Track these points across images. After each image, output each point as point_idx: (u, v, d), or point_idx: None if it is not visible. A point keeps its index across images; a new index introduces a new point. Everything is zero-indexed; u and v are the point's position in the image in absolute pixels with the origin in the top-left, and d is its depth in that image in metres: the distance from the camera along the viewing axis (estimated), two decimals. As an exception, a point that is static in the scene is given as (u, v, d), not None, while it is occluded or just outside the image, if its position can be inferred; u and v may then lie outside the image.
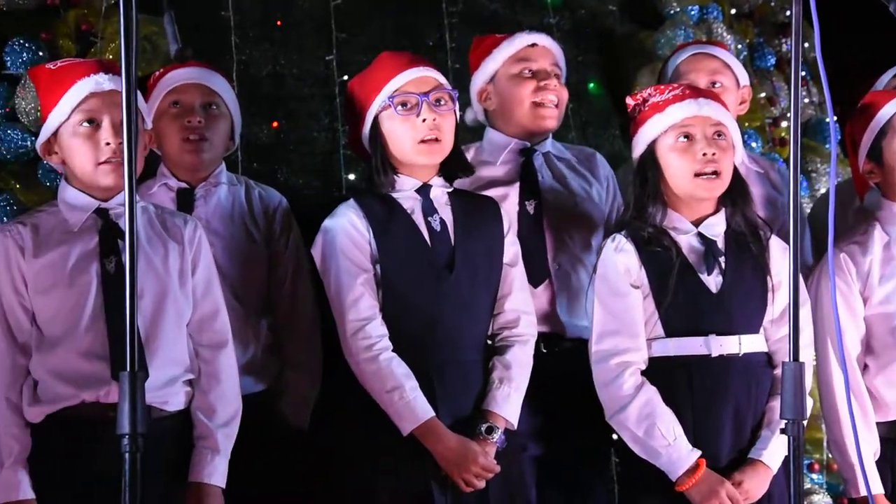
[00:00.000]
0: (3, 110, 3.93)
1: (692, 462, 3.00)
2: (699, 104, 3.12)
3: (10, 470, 2.73)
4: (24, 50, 3.90)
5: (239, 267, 3.27)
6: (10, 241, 2.82)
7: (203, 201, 3.31)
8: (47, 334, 2.79)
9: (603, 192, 3.59)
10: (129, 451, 2.16)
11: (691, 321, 3.08)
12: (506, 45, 3.49)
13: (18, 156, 3.95)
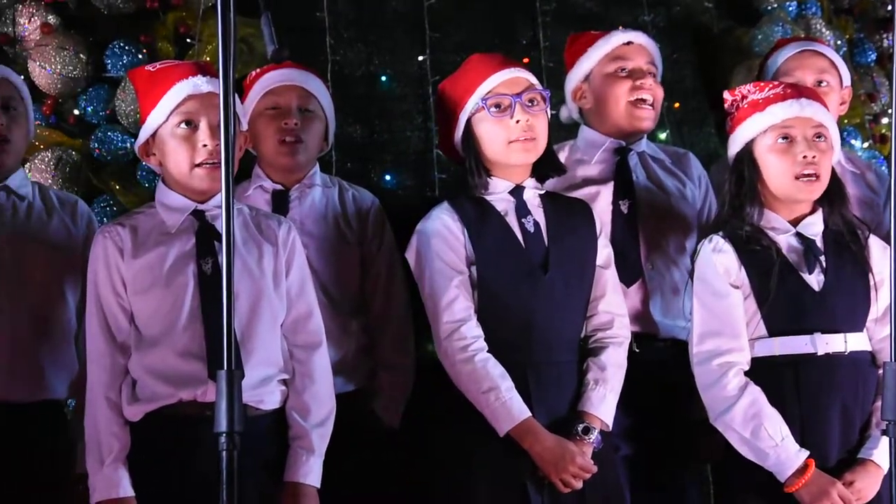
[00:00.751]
0: (103, 112, 4.00)
1: (801, 462, 2.96)
2: (801, 105, 3.07)
3: (111, 468, 2.77)
4: (124, 53, 3.97)
5: (332, 268, 3.29)
6: (110, 243, 2.86)
7: (297, 203, 3.33)
8: (145, 334, 2.83)
9: (697, 192, 3.55)
10: (226, 450, 2.17)
11: (795, 320, 3.05)
12: (601, 43, 3.46)
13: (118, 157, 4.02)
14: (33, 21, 4.05)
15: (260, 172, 3.38)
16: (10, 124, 3.24)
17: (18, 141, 3.29)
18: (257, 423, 2.77)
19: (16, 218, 3.24)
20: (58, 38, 3.99)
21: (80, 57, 3.97)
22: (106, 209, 3.86)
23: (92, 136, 4.04)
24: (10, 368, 3.12)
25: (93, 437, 2.80)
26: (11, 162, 3.28)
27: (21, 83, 3.36)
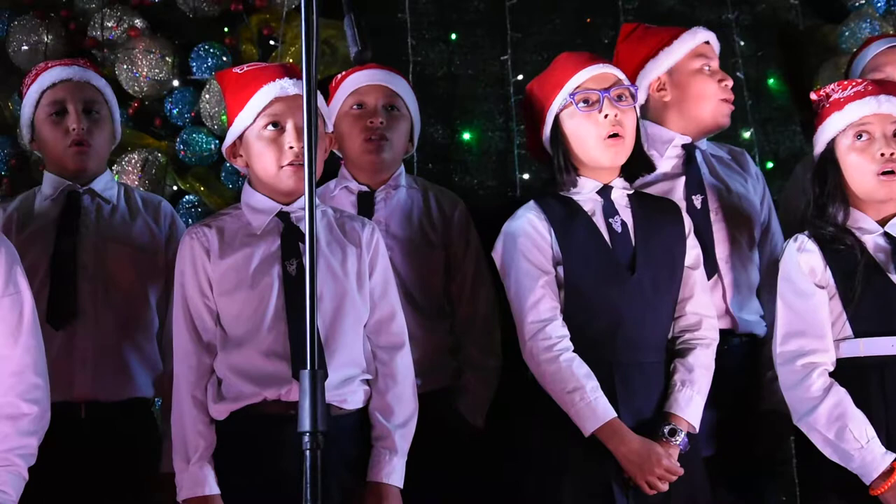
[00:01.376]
0: (188, 114, 4.05)
1: (887, 465, 2.91)
2: (879, 101, 3.02)
3: (196, 465, 2.79)
4: (209, 55, 4.01)
5: (416, 269, 3.30)
6: (197, 244, 2.89)
7: (383, 204, 3.35)
8: (231, 334, 2.85)
9: (759, 187, 3.52)
10: (309, 449, 2.17)
11: (882, 321, 2.99)
12: (688, 37, 3.42)
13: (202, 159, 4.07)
14: (121, 25, 4.11)
15: (346, 173, 3.40)
16: (91, 129, 3.29)
17: (101, 145, 3.34)
18: (340, 423, 2.78)
19: (100, 220, 3.30)
20: (144, 42, 4.04)
21: (165, 60, 4.02)
22: (191, 210, 3.91)
23: (177, 138, 4.09)
24: (96, 367, 3.17)
25: (179, 435, 2.83)
26: (93, 166, 3.32)
27: (105, 86, 3.40)
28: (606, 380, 2.99)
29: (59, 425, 2.79)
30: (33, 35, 4.24)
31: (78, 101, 3.29)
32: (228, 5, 4.02)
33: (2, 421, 2.62)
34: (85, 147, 3.28)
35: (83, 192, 3.29)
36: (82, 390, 3.15)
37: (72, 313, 3.18)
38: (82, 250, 3.23)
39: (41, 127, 3.32)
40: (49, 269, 3.20)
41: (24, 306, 2.70)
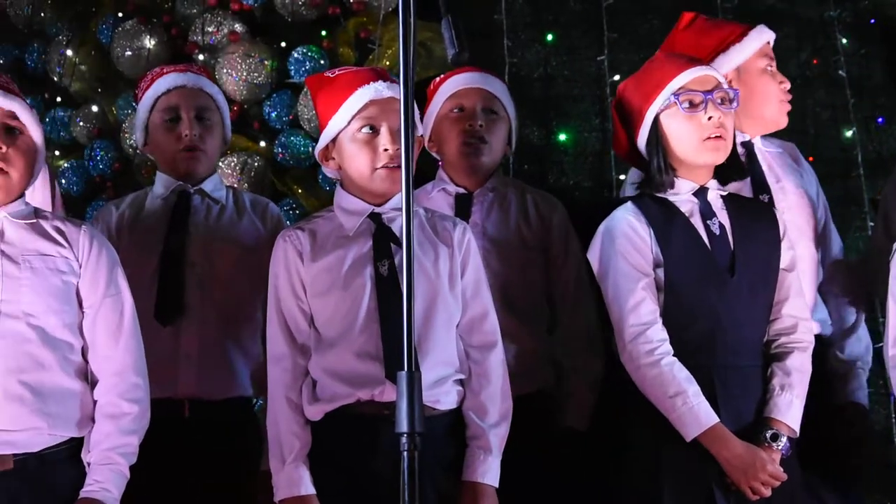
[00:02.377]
0: (286, 117, 4.10)
1: None
2: None
3: (292, 466, 2.81)
4: (307, 59, 4.05)
5: (512, 271, 3.29)
6: (290, 247, 2.92)
7: (480, 206, 3.35)
8: (324, 335, 2.87)
9: (812, 181, 3.47)
10: (407, 450, 2.18)
11: None
12: (756, 35, 3.36)
13: (300, 161, 4.11)
14: (221, 30, 4.17)
15: (443, 175, 3.41)
16: (203, 134, 3.35)
17: (211, 149, 3.39)
18: (434, 424, 2.76)
19: (209, 220, 3.35)
20: (244, 46, 4.10)
21: (264, 63, 4.07)
22: (289, 212, 3.96)
23: (275, 141, 4.14)
24: (200, 365, 3.21)
25: (274, 436, 2.86)
26: (203, 169, 3.38)
27: (217, 92, 3.45)
28: (706, 384, 2.95)
29: (163, 422, 2.84)
30: (136, 41, 4.33)
31: (191, 107, 3.35)
32: (326, 9, 4.06)
33: (104, 420, 2.68)
34: (197, 152, 3.34)
35: (193, 192, 3.35)
36: (186, 387, 3.20)
37: (179, 310, 3.22)
38: (191, 248, 3.29)
39: (155, 131, 3.38)
40: (159, 266, 3.25)
41: (124, 307, 2.76)
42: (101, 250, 2.75)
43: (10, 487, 2.55)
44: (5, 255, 2.64)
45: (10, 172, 2.65)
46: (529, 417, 3.08)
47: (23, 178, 2.69)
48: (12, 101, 2.67)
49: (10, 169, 2.65)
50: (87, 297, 2.72)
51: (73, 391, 2.64)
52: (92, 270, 2.72)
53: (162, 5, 4.44)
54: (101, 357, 2.70)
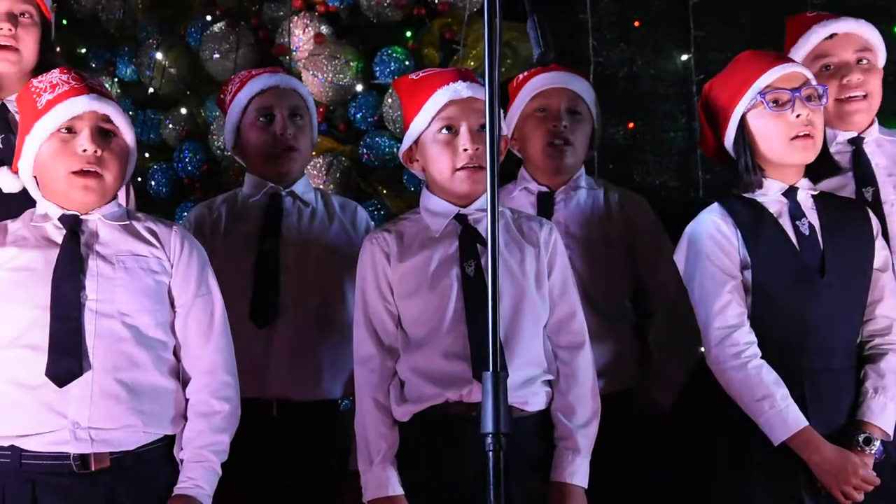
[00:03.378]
0: (372, 119, 4.11)
1: None
2: None
3: (380, 466, 2.83)
4: (392, 60, 4.07)
5: (596, 270, 3.28)
6: (377, 248, 2.93)
7: (563, 204, 3.34)
8: (412, 336, 2.88)
9: None
10: (492, 450, 2.18)
11: None
12: (803, 41, 3.29)
13: (385, 162, 4.13)
14: (307, 32, 4.20)
15: (526, 174, 3.40)
16: (297, 134, 3.37)
17: (304, 149, 3.42)
18: (522, 425, 2.77)
19: (300, 222, 3.38)
20: (329, 48, 4.13)
21: (349, 65, 4.10)
22: (373, 213, 3.97)
23: (361, 142, 4.16)
24: (291, 367, 3.24)
25: (362, 437, 2.87)
26: (297, 170, 3.41)
27: (307, 94, 3.49)
28: (795, 387, 2.92)
29: (252, 422, 2.87)
30: (224, 44, 4.38)
31: (285, 107, 3.38)
32: (411, 10, 4.07)
33: (195, 418, 2.71)
34: (292, 152, 3.36)
35: (285, 194, 3.38)
36: (276, 388, 3.23)
37: (274, 312, 3.26)
38: (284, 251, 3.32)
39: (248, 132, 3.40)
40: (253, 268, 3.29)
41: (214, 307, 2.79)
42: (191, 250, 2.78)
43: (108, 485, 2.59)
44: (100, 255, 2.68)
45: (104, 175, 2.69)
46: (616, 417, 3.06)
47: (116, 181, 2.73)
48: (106, 104, 2.71)
49: (104, 172, 2.69)
50: (179, 296, 2.75)
51: (166, 389, 2.68)
52: (183, 270, 2.76)
53: (249, 8, 4.49)
54: (192, 356, 2.74)
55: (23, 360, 2.59)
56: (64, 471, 2.57)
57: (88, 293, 2.63)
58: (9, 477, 2.57)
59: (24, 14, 3.14)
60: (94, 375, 2.59)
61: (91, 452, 2.58)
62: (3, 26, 3.10)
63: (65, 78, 2.72)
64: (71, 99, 2.67)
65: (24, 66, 3.15)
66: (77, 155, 2.66)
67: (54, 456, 2.57)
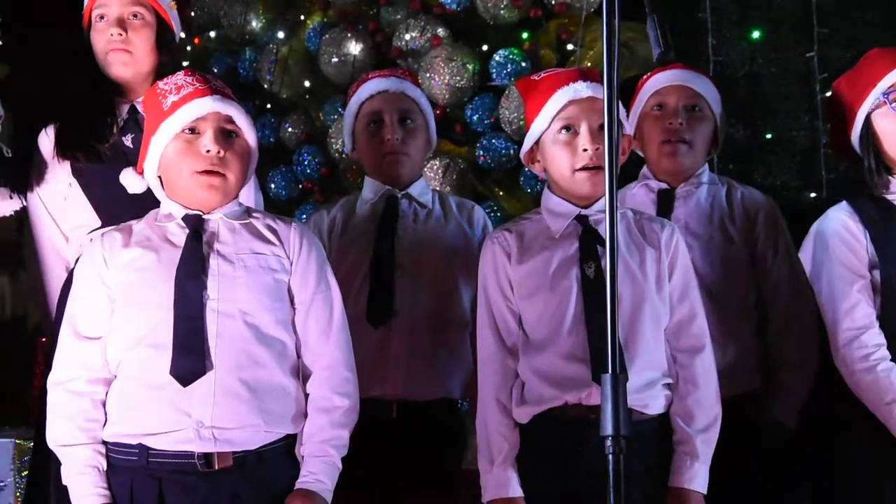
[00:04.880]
0: (488, 120, 4.12)
1: None
2: None
3: (500, 468, 2.82)
4: (509, 61, 4.07)
5: (717, 269, 3.23)
6: (498, 248, 2.93)
7: (683, 202, 3.29)
8: (532, 337, 2.87)
9: None
10: (612, 453, 2.17)
11: None
12: None
13: (502, 164, 4.13)
14: (424, 34, 4.22)
15: (647, 172, 3.37)
16: (405, 138, 3.38)
17: (415, 153, 3.43)
18: (642, 428, 2.74)
19: (417, 223, 3.39)
20: (446, 50, 4.14)
21: (466, 67, 4.11)
22: (490, 214, 3.98)
23: (477, 144, 4.17)
24: (409, 366, 3.25)
25: (483, 438, 2.87)
26: (406, 172, 3.42)
27: (420, 96, 3.48)
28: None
29: (371, 421, 2.89)
30: (342, 47, 4.43)
31: (394, 111, 3.39)
32: (528, 11, 4.07)
33: (316, 413, 2.73)
34: (399, 156, 3.38)
35: (401, 196, 3.40)
36: (394, 388, 3.23)
37: (390, 312, 3.27)
38: (400, 251, 3.33)
39: (360, 136, 3.44)
40: (369, 269, 3.31)
41: (334, 303, 2.81)
42: (311, 248, 2.80)
43: (232, 483, 2.61)
44: (220, 254, 2.71)
45: (227, 175, 2.72)
46: (738, 421, 3.01)
47: (238, 181, 2.76)
48: (229, 105, 2.75)
49: (227, 172, 2.72)
50: (299, 293, 2.77)
51: (287, 388, 2.70)
52: (303, 268, 2.77)
53: (367, 12, 4.53)
54: (312, 352, 2.75)
55: (148, 360, 2.62)
56: (189, 469, 2.60)
57: (210, 292, 2.65)
58: (136, 474, 2.61)
59: (134, 16, 3.18)
60: (217, 375, 2.61)
61: (214, 451, 2.60)
62: (113, 31, 3.15)
63: (189, 80, 2.76)
64: (195, 100, 2.71)
65: (140, 67, 3.20)
66: (201, 155, 2.69)
67: (179, 454, 2.60)
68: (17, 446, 4.65)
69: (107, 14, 3.17)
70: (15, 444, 4.65)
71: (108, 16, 3.17)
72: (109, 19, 3.16)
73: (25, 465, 4.43)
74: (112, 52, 3.16)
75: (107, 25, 3.16)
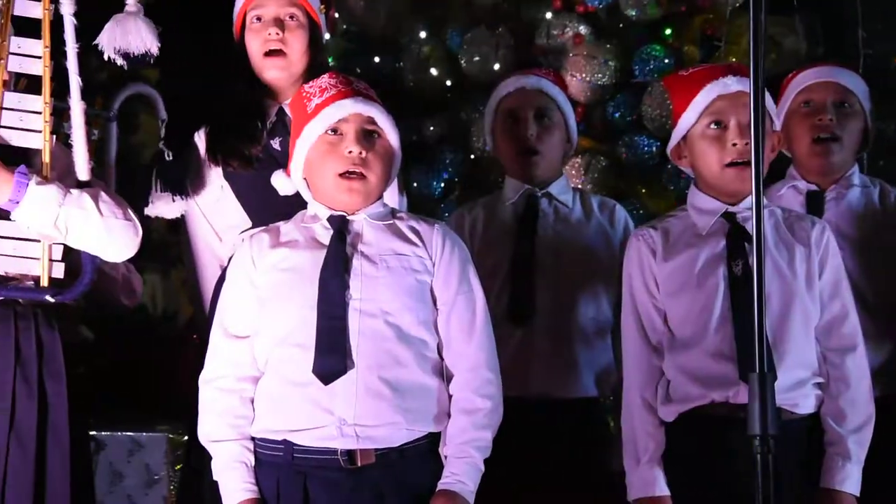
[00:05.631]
0: (630, 118, 4.10)
1: None
2: None
3: (646, 466, 2.81)
4: (651, 58, 4.05)
5: (869, 271, 3.16)
6: (643, 245, 2.92)
7: (833, 203, 3.23)
8: (678, 335, 2.86)
9: None
10: (760, 453, 2.14)
11: None
12: None
13: (644, 161, 4.10)
14: (566, 32, 4.22)
15: (794, 173, 3.31)
16: (541, 134, 3.38)
17: (551, 150, 3.42)
18: (793, 427, 2.71)
19: (557, 222, 3.39)
20: (588, 48, 4.13)
21: (608, 64, 4.09)
22: (632, 213, 3.94)
23: (619, 142, 4.14)
24: (549, 365, 3.26)
25: (629, 436, 2.86)
26: (542, 171, 3.42)
27: (558, 93, 3.48)
28: None
29: (513, 421, 2.89)
30: (484, 46, 4.44)
31: (530, 108, 3.40)
32: (672, 7, 4.03)
33: (459, 414, 2.73)
34: (535, 155, 3.38)
35: (541, 195, 3.40)
36: (536, 387, 3.25)
37: (530, 311, 3.29)
38: (540, 251, 3.34)
39: (497, 134, 3.46)
40: (510, 268, 3.32)
41: (476, 304, 2.81)
42: (453, 248, 2.81)
43: (374, 480, 2.63)
44: (363, 255, 2.73)
45: (369, 176, 2.74)
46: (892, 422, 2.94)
47: (381, 182, 2.78)
48: (371, 106, 2.78)
49: (368, 173, 2.74)
50: (441, 294, 2.77)
51: (429, 387, 2.71)
52: (445, 268, 2.78)
53: (509, 10, 4.54)
54: (455, 353, 2.76)
55: (292, 358, 2.66)
56: (332, 466, 2.63)
57: (353, 292, 2.68)
58: (282, 470, 2.65)
59: (291, 17, 3.20)
60: (359, 373, 2.63)
61: (357, 448, 2.63)
62: (272, 31, 3.16)
63: (332, 82, 2.80)
64: (337, 102, 2.74)
65: (293, 70, 3.21)
66: (343, 157, 2.72)
67: (323, 451, 2.63)
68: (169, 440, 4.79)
69: (263, 15, 3.19)
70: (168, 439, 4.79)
71: (265, 16, 3.18)
72: (266, 20, 3.18)
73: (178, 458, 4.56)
74: (268, 52, 3.19)
75: (263, 26, 3.18)
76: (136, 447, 4.83)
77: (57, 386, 2.81)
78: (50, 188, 2.69)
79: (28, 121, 2.74)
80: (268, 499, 2.64)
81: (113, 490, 4.77)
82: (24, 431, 2.75)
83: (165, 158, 3.19)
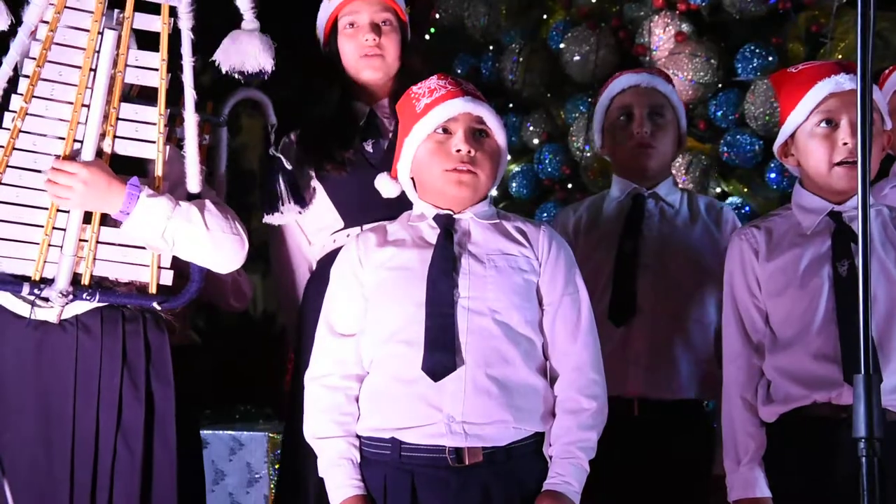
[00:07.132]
0: (732, 116, 4.06)
1: None
2: None
3: (747, 467, 2.80)
4: (755, 56, 4.00)
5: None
6: (746, 245, 2.91)
7: (941, 202, 3.17)
8: (779, 335, 2.83)
9: None
10: (865, 455, 2.12)
11: None
12: None
13: (746, 160, 4.06)
14: (668, 31, 4.20)
15: (897, 172, 3.26)
16: (655, 132, 3.38)
17: (664, 147, 3.41)
18: (896, 429, 2.67)
19: (663, 223, 3.38)
20: (690, 46, 4.11)
21: (710, 63, 4.06)
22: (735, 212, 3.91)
23: (721, 140, 4.11)
24: (649, 365, 3.26)
25: (729, 436, 2.85)
26: (655, 166, 3.41)
27: (671, 91, 3.46)
28: None
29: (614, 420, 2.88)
30: (585, 45, 4.44)
31: (644, 105, 3.39)
32: (775, 5, 3.98)
33: (564, 415, 2.73)
34: (648, 149, 3.38)
35: (648, 195, 3.40)
36: (635, 387, 3.25)
37: (632, 311, 3.28)
38: (644, 251, 3.33)
39: (610, 131, 3.46)
40: (613, 268, 3.33)
41: (582, 305, 2.81)
42: (559, 250, 2.81)
43: (482, 479, 2.64)
44: (471, 254, 2.74)
45: (478, 174, 2.75)
46: None
47: (489, 180, 2.79)
48: (480, 106, 2.80)
49: (477, 171, 2.75)
50: (547, 294, 2.78)
51: (535, 386, 2.71)
52: (551, 269, 2.78)
53: (610, 9, 4.54)
54: (560, 353, 2.76)
55: (400, 355, 2.67)
56: (440, 464, 2.64)
57: (461, 291, 2.69)
58: (390, 468, 2.67)
59: (385, 22, 3.25)
60: (467, 371, 2.64)
61: (465, 446, 2.63)
62: (369, 37, 3.22)
63: (441, 83, 2.82)
64: (447, 101, 2.76)
65: (389, 71, 3.28)
66: (452, 155, 2.74)
67: (431, 449, 2.64)
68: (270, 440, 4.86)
69: (357, 21, 3.25)
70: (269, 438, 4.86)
71: (359, 22, 3.24)
72: (361, 25, 3.24)
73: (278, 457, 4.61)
74: (365, 56, 3.24)
75: (358, 31, 3.24)
76: (237, 446, 4.91)
77: (164, 389, 2.86)
78: (160, 200, 2.74)
79: (143, 132, 2.79)
80: (375, 497, 2.65)
81: (214, 489, 4.86)
82: (131, 434, 2.80)
83: (285, 167, 3.23)
